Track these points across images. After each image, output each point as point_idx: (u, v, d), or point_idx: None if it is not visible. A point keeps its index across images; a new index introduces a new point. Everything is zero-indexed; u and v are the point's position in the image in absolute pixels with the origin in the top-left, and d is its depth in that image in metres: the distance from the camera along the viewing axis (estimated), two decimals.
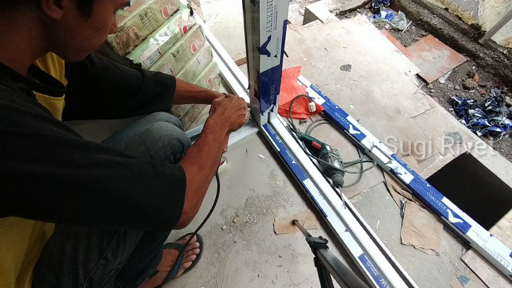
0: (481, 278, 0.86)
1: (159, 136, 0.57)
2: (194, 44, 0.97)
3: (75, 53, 0.43)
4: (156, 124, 0.60)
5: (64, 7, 0.34)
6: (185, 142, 0.61)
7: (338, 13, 1.87)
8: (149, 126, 0.59)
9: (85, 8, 0.36)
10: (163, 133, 0.58)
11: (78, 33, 0.38)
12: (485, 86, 1.54)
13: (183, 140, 0.60)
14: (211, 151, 0.57)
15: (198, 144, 0.57)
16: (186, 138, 0.61)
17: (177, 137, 0.59)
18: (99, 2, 0.37)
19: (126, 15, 0.76)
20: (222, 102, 0.74)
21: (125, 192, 0.36)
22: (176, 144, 0.59)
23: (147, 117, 0.71)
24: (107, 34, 0.42)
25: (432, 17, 1.79)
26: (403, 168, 1.03)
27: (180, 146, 0.60)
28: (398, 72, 1.43)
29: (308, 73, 1.39)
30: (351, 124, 1.15)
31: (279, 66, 0.85)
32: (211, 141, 0.59)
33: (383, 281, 0.81)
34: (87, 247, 0.47)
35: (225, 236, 0.91)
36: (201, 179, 0.50)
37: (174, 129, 0.60)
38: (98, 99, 0.64)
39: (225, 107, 0.72)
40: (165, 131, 0.58)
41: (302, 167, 1.02)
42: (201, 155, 0.54)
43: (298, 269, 0.86)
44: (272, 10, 0.65)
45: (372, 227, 0.93)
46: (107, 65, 0.62)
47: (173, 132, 0.59)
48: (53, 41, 0.38)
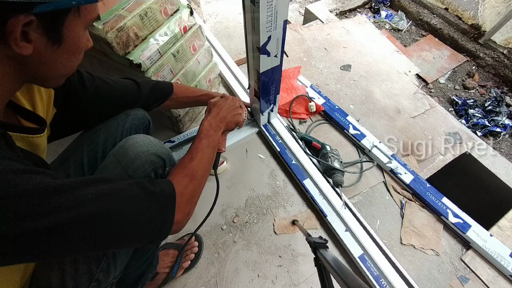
0: (481, 278, 0.86)
1: (135, 154, 0.53)
2: (194, 44, 0.97)
3: (55, 80, 0.41)
4: (130, 140, 0.56)
5: (33, 41, 0.31)
6: (165, 155, 0.57)
7: (338, 13, 1.87)
8: (123, 143, 0.55)
9: (55, 36, 0.33)
10: (138, 150, 0.54)
11: (53, 62, 0.36)
12: (485, 86, 1.54)
13: (162, 154, 0.57)
14: (204, 158, 0.57)
15: (191, 152, 0.57)
16: (165, 150, 0.58)
17: (155, 153, 0.55)
18: (68, 26, 0.34)
19: (126, 15, 0.76)
20: (217, 102, 0.74)
21: (117, 222, 0.36)
22: (155, 160, 0.55)
23: (119, 118, 0.67)
24: (83, 53, 0.40)
25: (432, 17, 1.79)
26: (403, 168, 1.03)
27: (160, 161, 0.56)
28: (398, 72, 1.43)
29: (308, 73, 1.39)
30: (351, 124, 1.15)
31: (279, 66, 0.85)
32: (205, 147, 0.59)
33: (383, 281, 0.81)
34: (74, 275, 0.46)
35: (225, 236, 0.91)
36: (192, 189, 0.50)
37: (150, 142, 0.56)
38: (94, 117, 0.64)
39: (220, 107, 0.72)
40: (140, 148, 0.54)
41: (302, 167, 1.02)
42: (192, 164, 0.54)
43: (298, 269, 0.86)
44: (272, 10, 0.65)
45: (372, 227, 0.93)
46: (99, 85, 0.60)
47: (150, 147, 0.55)
48: (28, 74, 0.36)
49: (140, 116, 0.70)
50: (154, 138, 0.59)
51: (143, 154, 0.54)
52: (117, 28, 0.73)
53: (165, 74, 0.90)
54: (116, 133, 0.65)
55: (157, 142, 0.58)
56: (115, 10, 0.77)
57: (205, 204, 0.68)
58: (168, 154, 0.59)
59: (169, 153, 0.60)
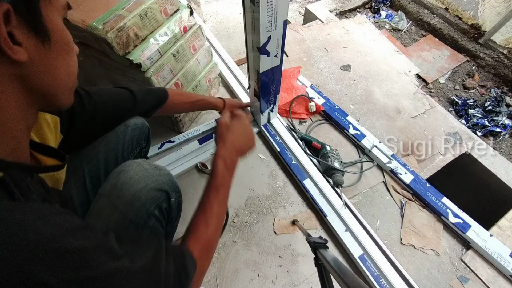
0: (481, 278, 0.86)
1: (132, 194, 0.47)
2: (194, 44, 0.97)
3: (65, 95, 0.38)
4: (123, 176, 0.49)
5: (23, 43, 0.30)
6: (166, 185, 0.51)
7: (338, 13, 1.87)
8: (115, 181, 0.49)
9: (40, 30, 0.32)
10: (136, 189, 0.48)
11: (53, 67, 0.34)
12: (485, 86, 1.54)
13: (163, 185, 0.51)
14: (220, 218, 0.50)
15: (205, 213, 0.48)
16: (165, 179, 0.51)
17: (155, 187, 0.49)
18: (46, 16, 0.32)
19: (126, 15, 0.76)
20: (231, 127, 0.62)
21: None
22: (156, 195, 0.49)
23: (119, 131, 0.62)
24: (74, 53, 0.38)
25: (432, 17, 1.79)
26: (403, 168, 1.03)
27: (163, 194, 0.50)
28: (398, 72, 1.43)
29: (308, 73, 1.39)
30: (351, 124, 1.15)
31: (279, 66, 0.85)
32: (221, 201, 0.51)
33: (383, 281, 0.81)
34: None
35: (225, 236, 0.91)
36: (208, 262, 0.46)
37: (148, 175, 0.50)
38: (94, 133, 0.62)
39: (235, 133, 0.61)
40: (137, 184, 0.48)
41: (302, 167, 1.02)
42: (209, 233, 0.46)
43: (298, 269, 0.86)
44: (272, 10, 0.65)
45: (372, 227, 0.93)
46: (96, 100, 0.57)
47: (148, 181, 0.49)
48: (38, 94, 0.34)
49: (139, 125, 0.68)
50: (150, 165, 0.52)
51: (141, 192, 0.48)
52: (117, 28, 0.73)
53: (165, 74, 0.90)
54: (117, 147, 0.63)
55: (154, 171, 0.51)
56: (115, 10, 0.77)
57: None
58: (169, 181, 0.52)
59: (170, 179, 0.53)
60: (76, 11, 0.76)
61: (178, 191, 0.55)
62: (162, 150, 1.07)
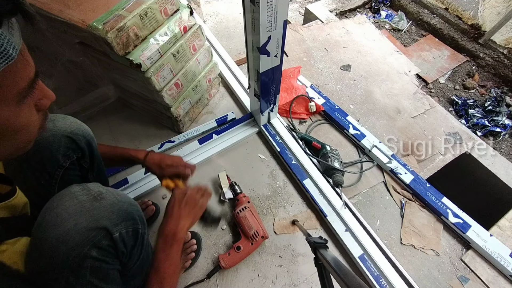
0: (481, 278, 0.86)
1: (56, 238, 0.39)
2: (194, 44, 0.97)
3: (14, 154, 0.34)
4: (48, 214, 0.41)
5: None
6: (108, 220, 0.43)
7: (338, 13, 1.87)
8: (41, 220, 0.41)
9: None
10: (61, 231, 0.40)
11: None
12: (485, 86, 1.54)
13: (103, 221, 0.42)
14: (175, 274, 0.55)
15: (160, 281, 0.53)
16: (107, 214, 0.44)
17: (88, 226, 0.41)
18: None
19: (126, 15, 0.76)
20: (183, 202, 0.62)
21: None
22: (91, 235, 0.41)
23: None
24: (29, 127, 0.33)
25: (432, 17, 1.79)
26: (403, 168, 1.03)
27: (100, 232, 0.42)
28: (398, 72, 1.43)
29: (308, 73, 1.39)
30: (351, 124, 1.15)
31: (279, 66, 0.85)
32: (172, 273, 0.55)
33: (383, 281, 0.81)
34: None
35: (225, 236, 0.91)
36: None
37: (81, 210, 0.42)
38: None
39: (185, 210, 0.61)
40: (64, 225, 0.40)
41: (302, 167, 1.02)
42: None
43: (298, 269, 0.86)
44: (272, 10, 0.65)
45: (372, 227, 0.93)
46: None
47: (79, 219, 0.41)
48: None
49: (64, 130, 0.57)
50: (89, 195, 0.44)
51: (67, 235, 0.39)
52: (117, 28, 0.73)
53: (165, 74, 0.90)
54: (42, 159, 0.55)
55: (91, 203, 0.43)
56: (115, 10, 0.77)
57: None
58: (111, 213, 0.44)
59: (115, 208, 0.45)
60: (76, 11, 0.76)
61: (130, 219, 0.47)
62: (162, 150, 1.07)
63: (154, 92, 0.91)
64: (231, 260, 0.82)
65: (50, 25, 0.83)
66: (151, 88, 0.89)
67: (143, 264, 0.55)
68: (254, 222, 0.86)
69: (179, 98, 1.01)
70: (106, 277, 0.44)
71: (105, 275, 0.44)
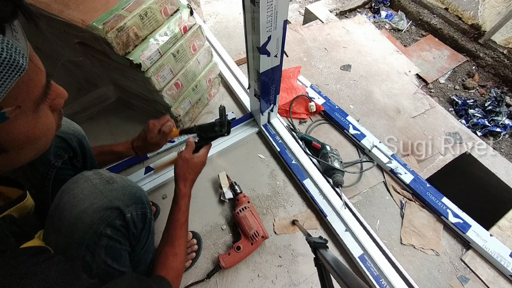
0: (481, 278, 0.86)
1: (74, 216, 0.42)
2: (194, 44, 0.97)
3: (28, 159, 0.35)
4: (66, 195, 0.44)
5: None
6: (118, 200, 0.46)
7: (338, 13, 1.87)
8: (58, 201, 0.44)
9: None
10: (78, 210, 0.42)
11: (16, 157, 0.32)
12: (485, 86, 1.54)
13: (116, 202, 0.45)
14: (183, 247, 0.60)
15: (173, 245, 0.58)
16: (116, 194, 0.46)
17: (103, 205, 0.44)
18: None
19: (126, 15, 0.76)
20: (191, 164, 0.66)
21: None
22: (105, 215, 0.44)
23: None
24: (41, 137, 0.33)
25: (432, 17, 1.79)
26: (403, 168, 1.03)
27: (114, 212, 0.45)
28: (398, 72, 1.43)
29: (308, 73, 1.39)
30: (351, 124, 1.15)
31: (279, 66, 0.85)
32: (185, 232, 0.61)
33: (383, 281, 0.81)
34: None
35: (225, 236, 0.91)
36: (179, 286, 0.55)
37: (96, 191, 0.45)
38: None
39: (195, 170, 0.67)
40: (81, 205, 0.43)
41: (302, 167, 1.02)
42: (178, 261, 0.57)
43: (298, 269, 0.86)
44: (272, 10, 0.65)
45: (372, 227, 0.93)
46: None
47: (94, 199, 0.44)
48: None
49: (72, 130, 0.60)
50: (101, 178, 0.47)
51: (84, 213, 0.42)
52: (117, 28, 0.73)
53: (165, 74, 0.90)
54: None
55: (104, 186, 0.46)
56: (115, 10, 0.77)
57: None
58: (123, 195, 0.47)
59: (126, 191, 0.48)
60: (76, 11, 0.76)
61: (140, 202, 0.50)
62: (162, 150, 1.07)
63: (154, 92, 0.91)
64: (231, 260, 0.82)
65: (50, 25, 0.83)
66: (151, 88, 0.89)
67: (149, 250, 0.59)
68: (254, 222, 0.86)
69: (179, 98, 1.01)
70: (119, 258, 0.47)
71: (118, 256, 0.47)
